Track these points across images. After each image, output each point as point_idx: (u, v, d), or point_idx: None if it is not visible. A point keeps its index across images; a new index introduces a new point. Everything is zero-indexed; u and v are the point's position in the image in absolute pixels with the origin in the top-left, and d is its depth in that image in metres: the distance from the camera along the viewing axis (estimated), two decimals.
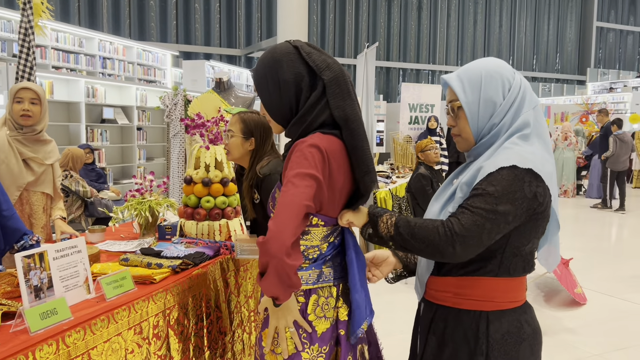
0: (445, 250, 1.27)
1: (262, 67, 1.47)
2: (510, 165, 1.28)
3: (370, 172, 1.44)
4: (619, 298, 4.58)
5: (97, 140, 7.43)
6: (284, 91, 1.44)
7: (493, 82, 1.37)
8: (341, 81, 1.42)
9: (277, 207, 1.33)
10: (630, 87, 19.23)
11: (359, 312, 1.46)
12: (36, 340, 1.38)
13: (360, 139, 1.43)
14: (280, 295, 1.35)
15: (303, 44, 1.46)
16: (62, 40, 8.81)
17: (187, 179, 2.60)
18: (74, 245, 1.73)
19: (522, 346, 1.36)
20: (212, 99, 3.64)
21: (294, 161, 1.36)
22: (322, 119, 1.42)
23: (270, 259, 1.28)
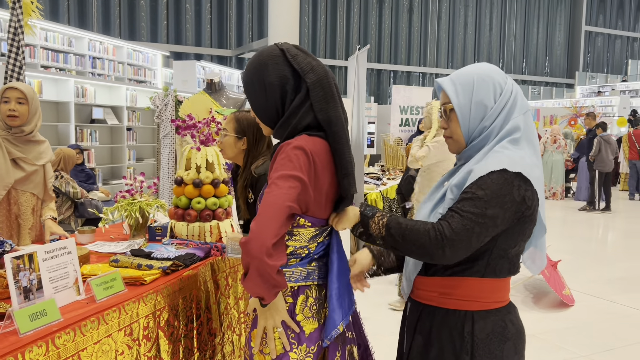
0: (434, 253, 1.29)
1: (250, 70, 1.49)
2: (500, 169, 1.30)
3: (349, 175, 1.45)
4: (607, 300, 4.63)
5: (86, 141, 7.38)
6: (269, 93, 1.46)
7: (485, 86, 1.40)
8: (325, 84, 1.44)
9: (259, 207, 1.34)
10: (618, 91, 19.44)
11: (335, 315, 1.47)
12: (26, 342, 1.37)
13: (341, 142, 1.44)
14: (265, 295, 1.37)
15: (290, 46, 1.47)
16: (51, 39, 8.74)
17: (178, 180, 2.59)
18: (64, 247, 1.72)
19: (507, 345, 1.39)
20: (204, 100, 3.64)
21: (279, 163, 1.37)
22: (307, 121, 1.44)
23: (251, 259, 1.30)
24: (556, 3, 24.99)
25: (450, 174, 1.52)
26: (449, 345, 1.39)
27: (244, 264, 1.33)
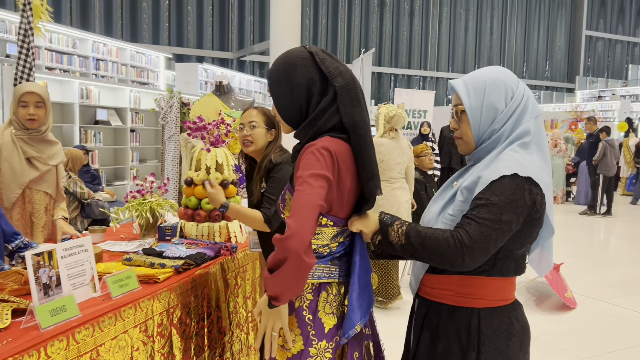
0: (454, 261, 1.33)
1: (277, 69, 1.52)
2: (511, 173, 1.33)
3: (374, 177, 1.49)
4: (609, 303, 4.66)
5: (90, 142, 7.41)
6: (295, 94, 1.48)
7: (496, 89, 1.43)
8: (352, 89, 1.47)
9: (294, 205, 1.36)
10: (619, 96, 19.50)
11: (353, 315, 1.50)
12: (47, 337, 1.41)
13: (366, 145, 1.48)
14: (286, 294, 1.38)
15: (318, 50, 1.50)
16: (55, 41, 8.79)
17: (188, 180, 2.62)
18: (81, 244, 1.76)
19: (512, 341, 1.43)
20: (213, 102, 3.68)
21: (307, 162, 1.40)
22: (332, 124, 1.47)
23: (290, 254, 1.31)
24: (557, 7, 25.07)
25: (459, 174, 1.55)
26: (455, 341, 1.42)
27: (277, 260, 1.34)
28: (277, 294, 1.38)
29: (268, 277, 1.37)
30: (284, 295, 1.39)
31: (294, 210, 1.36)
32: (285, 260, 1.33)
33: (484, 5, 23.31)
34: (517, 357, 1.45)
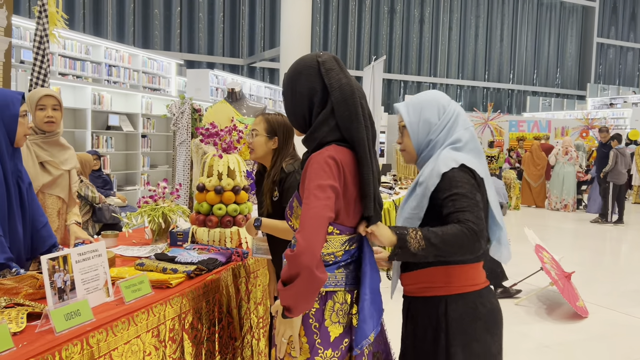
0: (474, 247, 1.46)
1: (288, 76, 1.56)
2: (450, 168, 1.53)
3: (366, 197, 1.50)
4: (621, 312, 4.61)
5: (102, 147, 7.48)
6: (298, 102, 1.51)
7: (430, 107, 1.67)
8: (350, 103, 1.47)
9: (303, 219, 1.38)
10: (630, 103, 19.35)
11: (365, 325, 1.50)
12: (62, 340, 1.42)
13: (362, 163, 1.49)
14: (300, 307, 1.41)
15: (329, 59, 1.50)
16: (69, 47, 8.89)
17: (200, 186, 2.64)
18: (95, 249, 1.77)
19: (478, 324, 1.59)
20: (225, 108, 3.70)
21: (313, 173, 1.41)
22: (332, 138, 1.49)
23: (302, 270, 1.34)
24: (567, 14, 24.98)
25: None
26: (429, 326, 1.60)
27: (288, 276, 1.37)
28: (290, 306, 1.40)
29: (282, 289, 1.39)
30: (297, 308, 1.41)
31: (303, 224, 1.37)
32: (297, 276, 1.35)
33: (494, 12, 23.28)
34: (485, 339, 1.57)
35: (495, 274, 4.76)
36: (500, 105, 23.19)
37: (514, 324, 4.24)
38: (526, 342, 3.88)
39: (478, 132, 12.59)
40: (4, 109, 1.97)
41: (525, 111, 22.74)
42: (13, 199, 2.00)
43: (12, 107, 1.98)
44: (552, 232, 8.68)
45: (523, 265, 5.71)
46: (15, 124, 1.98)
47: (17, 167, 2.05)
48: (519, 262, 6.00)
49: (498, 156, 11.50)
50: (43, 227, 2.14)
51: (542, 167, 11.37)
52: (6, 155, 1.98)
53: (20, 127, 2.01)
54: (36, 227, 2.12)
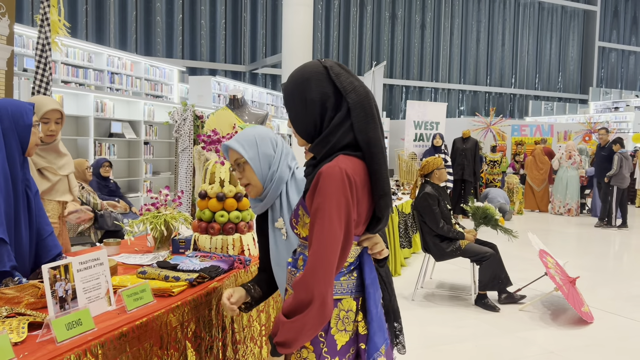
0: None
1: (292, 84, 1.51)
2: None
3: (386, 196, 1.47)
4: (626, 317, 4.58)
5: (104, 154, 7.49)
6: (309, 109, 1.47)
7: (264, 141, 1.82)
8: (366, 105, 1.45)
9: (317, 242, 1.36)
10: (633, 107, 19.33)
11: (376, 338, 1.48)
12: (63, 351, 1.41)
13: (379, 162, 1.46)
14: (298, 340, 1.39)
15: (333, 64, 1.49)
16: (71, 55, 8.92)
17: (202, 193, 2.63)
18: (97, 258, 1.76)
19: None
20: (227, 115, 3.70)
21: (326, 188, 1.37)
22: (346, 141, 1.45)
23: (315, 297, 1.34)
24: (569, 19, 25.00)
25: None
26: None
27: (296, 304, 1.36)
28: (290, 340, 1.37)
29: (284, 322, 1.36)
30: (298, 341, 1.38)
31: (318, 248, 1.36)
32: (309, 304, 1.33)
33: (496, 16, 23.31)
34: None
35: (500, 280, 4.73)
36: (502, 109, 23.19)
37: (519, 329, 4.21)
38: (531, 348, 3.85)
39: (480, 136, 12.58)
40: (18, 119, 1.99)
41: (528, 115, 22.73)
42: (20, 208, 2.01)
43: (27, 117, 2.01)
44: (556, 236, 8.64)
45: (527, 270, 5.68)
46: (28, 133, 2.00)
47: (26, 176, 2.07)
48: (523, 267, 5.98)
49: (501, 161, 11.48)
50: (49, 236, 2.14)
51: (545, 171, 11.35)
52: (18, 164, 1.99)
53: (32, 137, 2.03)
54: (41, 236, 2.13)
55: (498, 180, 11.27)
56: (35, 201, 2.11)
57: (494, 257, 4.66)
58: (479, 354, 3.74)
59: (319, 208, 1.38)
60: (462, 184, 9.61)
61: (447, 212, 4.84)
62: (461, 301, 4.95)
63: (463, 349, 3.83)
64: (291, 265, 1.59)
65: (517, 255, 6.50)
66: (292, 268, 1.59)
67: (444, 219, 4.76)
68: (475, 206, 4.96)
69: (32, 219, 2.07)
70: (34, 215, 2.07)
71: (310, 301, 1.33)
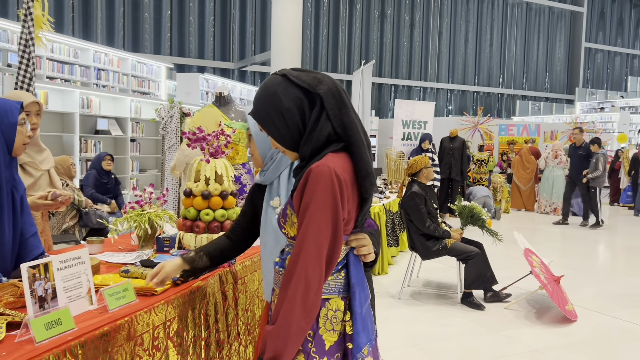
0: None
1: (262, 104, 1.49)
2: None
3: (370, 175, 1.48)
4: (609, 315, 4.63)
5: (90, 151, 7.42)
6: (289, 119, 1.47)
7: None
8: (335, 92, 1.46)
9: (307, 245, 1.36)
10: (618, 107, 19.55)
11: (359, 338, 1.48)
12: (42, 351, 1.39)
13: (358, 144, 1.46)
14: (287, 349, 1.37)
15: (289, 70, 1.50)
16: (57, 50, 8.82)
17: (187, 191, 2.61)
18: (78, 257, 1.74)
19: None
20: (213, 113, 3.67)
21: (314, 187, 1.37)
22: (327, 130, 1.45)
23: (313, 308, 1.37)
24: (556, 19, 25.21)
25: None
26: None
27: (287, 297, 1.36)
28: (279, 349, 1.35)
29: (270, 329, 1.36)
30: (288, 348, 1.37)
31: (307, 250, 1.36)
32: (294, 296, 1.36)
33: (484, 17, 23.44)
34: None
35: (485, 278, 4.76)
36: (490, 109, 23.33)
37: (504, 328, 4.24)
38: (516, 346, 3.88)
39: (468, 136, 12.65)
40: (2, 118, 1.95)
41: (515, 115, 22.89)
42: (5, 208, 1.97)
43: (11, 116, 1.96)
44: (542, 235, 8.71)
45: (513, 269, 5.72)
46: (13, 132, 1.96)
47: (13, 176, 2.03)
48: (509, 266, 6.02)
49: (488, 160, 11.54)
50: (31, 236, 2.11)
51: (531, 170, 11.44)
52: (2, 164, 1.96)
53: (18, 136, 1.99)
54: (24, 236, 2.10)
55: (485, 179, 11.33)
56: (22, 202, 2.08)
57: (480, 256, 4.69)
58: (464, 352, 3.76)
59: (308, 206, 1.38)
60: (450, 183, 9.66)
61: (434, 211, 4.86)
62: (447, 300, 4.97)
63: (448, 347, 3.85)
64: (279, 265, 1.59)
65: (502, 254, 6.54)
66: (279, 268, 1.58)
67: (430, 217, 4.78)
68: (462, 205, 4.99)
69: (17, 220, 2.04)
70: (18, 217, 2.04)
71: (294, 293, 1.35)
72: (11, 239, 2.01)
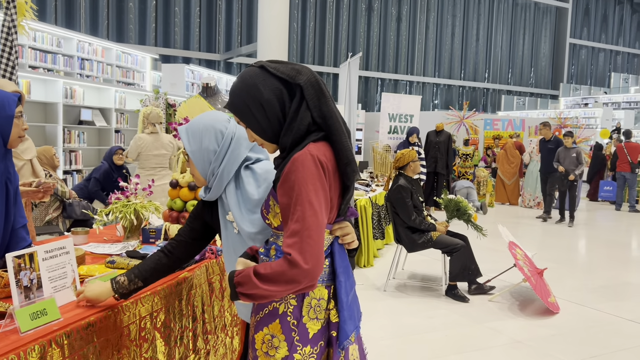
0: None
1: (240, 96, 1.48)
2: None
3: (351, 163, 1.48)
4: (591, 307, 4.71)
5: (74, 142, 7.33)
6: (269, 110, 1.46)
7: (208, 134, 1.75)
8: (314, 82, 1.47)
9: (301, 232, 1.35)
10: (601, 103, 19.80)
11: (346, 326, 1.49)
12: (27, 341, 1.38)
13: (338, 133, 1.47)
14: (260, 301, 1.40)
15: (266, 62, 1.50)
16: (39, 39, 8.67)
17: (173, 182, 2.60)
18: (63, 247, 1.73)
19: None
20: (200, 103, 3.65)
21: (301, 174, 1.37)
22: (307, 121, 1.46)
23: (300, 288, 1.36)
24: (542, 15, 25.40)
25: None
26: None
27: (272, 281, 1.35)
28: (253, 298, 1.37)
29: (257, 284, 1.35)
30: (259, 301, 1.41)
31: (302, 238, 1.34)
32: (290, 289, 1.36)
33: (471, 11, 23.53)
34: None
35: (469, 271, 4.81)
36: (475, 103, 23.48)
37: (488, 320, 4.29)
38: (499, 338, 3.93)
39: (454, 130, 12.71)
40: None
41: (500, 110, 23.07)
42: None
43: (8, 108, 1.93)
44: (525, 229, 8.82)
45: (497, 262, 5.79)
46: (10, 125, 1.94)
47: (8, 169, 2.00)
48: (493, 258, 6.08)
49: (473, 154, 11.63)
50: (21, 227, 2.09)
51: (515, 164, 11.54)
52: None
53: (14, 129, 1.96)
54: (14, 227, 2.07)
55: (470, 173, 11.42)
56: (16, 194, 2.05)
57: (465, 249, 4.73)
58: (448, 344, 3.80)
59: (298, 194, 1.37)
60: (435, 177, 9.71)
61: (420, 204, 4.89)
62: (432, 292, 5.01)
63: (433, 338, 3.89)
64: (263, 255, 1.59)
65: (487, 246, 6.61)
66: (263, 257, 1.58)
67: (416, 211, 4.81)
68: (448, 198, 5.02)
69: (10, 211, 2.01)
70: (11, 209, 2.02)
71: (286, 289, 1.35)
72: (2, 230, 1.99)
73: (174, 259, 1.79)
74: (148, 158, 4.96)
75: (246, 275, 1.38)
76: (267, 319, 1.49)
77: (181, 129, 1.78)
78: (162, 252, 1.79)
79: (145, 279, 1.74)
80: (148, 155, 4.96)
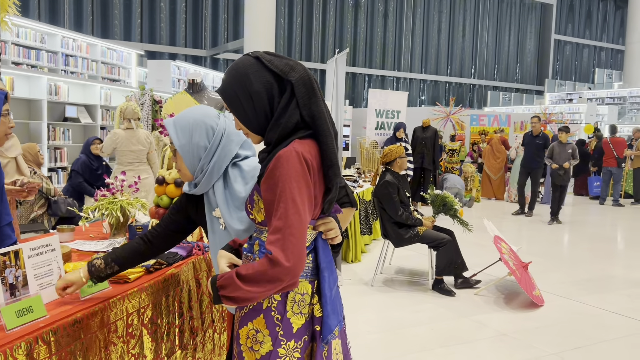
0: None
1: (230, 84, 1.48)
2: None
3: (334, 166, 1.48)
4: (575, 300, 4.78)
5: (59, 139, 7.26)
6: (256, 102, 1.46)
7: (199, 129, 1.75)
8: (306, 80, 1.46)
9: (284, 229, 1.35)
10: (586, 99, 20.00)
11: (330, 321, 1.50)
12: (13, 338, 1.37)
13: (324, 134, 1.47)
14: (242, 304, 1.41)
15: (262, 53, 1.49)
16: (23, 35, 8.56)
17: (160, 179, 2.59)
18: (48, 244, 1.72)
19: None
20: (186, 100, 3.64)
21: (285, 171, 1.37)
22: (295, 118, 1.46)
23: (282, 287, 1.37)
24: (527, 12, 25.58)
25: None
26: None
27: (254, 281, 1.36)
28: (236, 301, 1.38)
29: (240, 285, 1.35)
30: (242, 304, 1.42)
31: (284, 236, 1.34)
32: (272, 289, 1.36)
33: (457, 7, 23.63)
34: None
35: (456, 265, 4.86)
36: (462, 99, 23.60)
37: (473, 313, 4.34)
38: (485, 331, 3.98)
39: (440, 125, 12.78)
40: None
41: (486, 105, 23.21)
42: None
43: None
44: (511, 223, 8.90)
45: (482, 256, 5.85)
46: None
47: None
48: (479, 253, 6.14)
49: (459, 150, 11.71)
50: (6, 225, 2.08)
51: (501, 160, 11.63)
52: None
53: (1, 127, 1.94)
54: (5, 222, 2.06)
55: (456, 168, 11.49)
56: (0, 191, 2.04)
57: (451, 243, 4.78)
58: (435, 337, 3.84)
59: (282, 191, 1.37)
60: (422, 172, 9.77)
61: (406, 199, 4.92)
62: (419, 286, 5.06)
63: (420, 332, 3.93)
64: (247, 251, 1.59)
65: (472, 241, 6.67)
66: (247, 253, 1.58)
67: (403, 206, 4.84)
68: (434, 194, 5.06)
69: None
70: None
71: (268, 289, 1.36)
72: None
73: (152, 248, 1.82)
74: (124, 154, 4.99)
75: (229, 278, 1.39)
76: (251, 314, 1.50)
77: (168, 122, 1.76)
78: (142, 240, 1.82)
79: (122, 264, 1.77)
80: (124, 151, 4.98)
